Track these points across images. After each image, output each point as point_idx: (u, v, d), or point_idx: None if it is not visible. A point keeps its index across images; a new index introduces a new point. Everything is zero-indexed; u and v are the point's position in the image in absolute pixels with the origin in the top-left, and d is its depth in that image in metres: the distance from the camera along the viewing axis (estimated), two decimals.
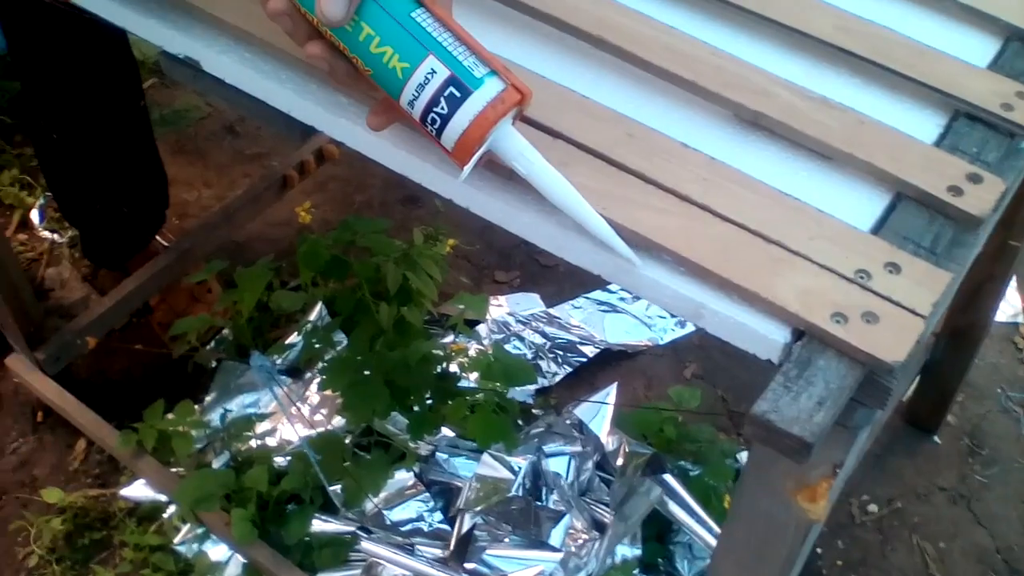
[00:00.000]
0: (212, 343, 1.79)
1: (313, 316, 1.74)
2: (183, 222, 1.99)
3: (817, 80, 0.78)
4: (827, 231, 0.67)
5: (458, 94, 0.60)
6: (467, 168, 0.63)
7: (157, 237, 1.86)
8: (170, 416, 1.58)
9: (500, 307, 1.86)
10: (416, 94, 0.61)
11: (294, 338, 1.73)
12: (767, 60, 0.79)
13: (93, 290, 1.90)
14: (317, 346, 1.64)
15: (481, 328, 1.81)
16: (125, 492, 1.60)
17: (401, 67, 0.61)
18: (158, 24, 0.80)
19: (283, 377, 1.68)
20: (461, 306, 1.61)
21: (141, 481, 1.60)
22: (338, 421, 1.62)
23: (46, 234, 1.98)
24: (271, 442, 1.60)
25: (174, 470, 1.58)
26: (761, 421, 0.58)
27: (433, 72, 0.60)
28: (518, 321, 1.82)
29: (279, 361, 1.70)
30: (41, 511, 1.58)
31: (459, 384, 1.53)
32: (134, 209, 1.76)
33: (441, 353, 1.53)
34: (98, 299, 1.86)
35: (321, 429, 1.62)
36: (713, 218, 0.67)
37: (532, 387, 1.70)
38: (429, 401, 1.51)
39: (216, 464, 1.57)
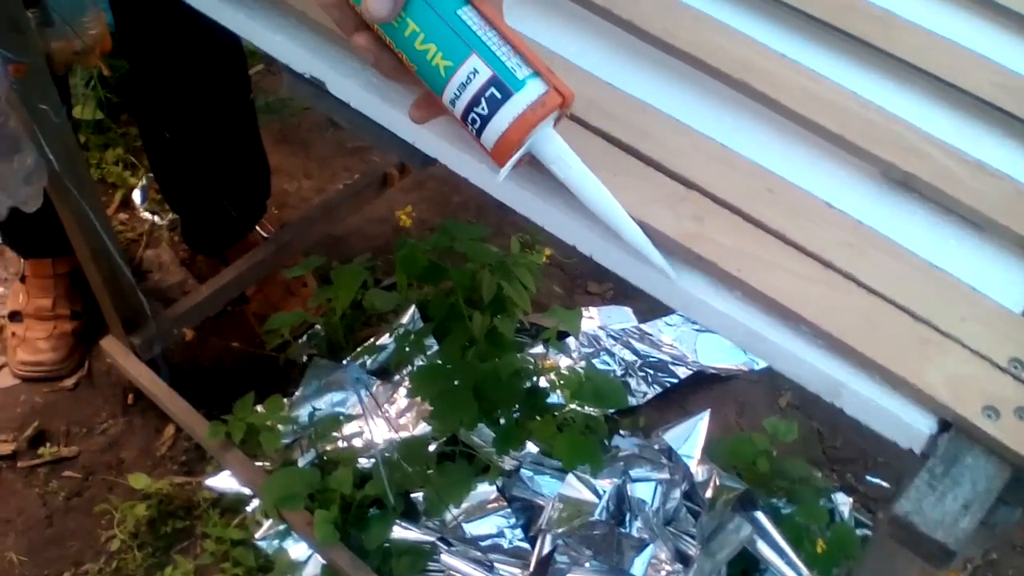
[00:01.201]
0: (304, 337, 1.79)
1: (406, 319, 1.73)
2: (282, 212, 2.00)
3: (972, 141, 0.73)
4: (979, 311, 0.63)
5: (499, 95, 0.60)
6: (505, 169, 0.62)
7: (256, 227, 1.87)
8: (259, 409, 1.59)
9: (591, 319, 1.82)
10: (458, 93, 0.61)
11: (386, 339, 1.72)
12: (919, 115, 0.74)
13: (190, 275, 1.93)
14: (408, 350, 1.63)
15: (571, 340, 1.78)
16: (210, 482, 1.61)
17: (444, 65, 0.60)
18: (285, 40, 0.79)
19: (372, 378, 1.68)
20: (554, 319, 1.59)
21: (227, 472, 1.61)
22: (423, 427, 1.61)
23: (147, 215, 2.01)
24: (357, 443, 1.60)
25: (260, 464, 1.59)
26: (903, 522, 0.54)
27: (475, 72, 0.60)
28: (609, 336, 1.79)
29: (369, 362, 1.70)
30: (126, 495, 1.60)
31: (548, 400, 1.50)
32: (236, 199, 1.77)
33: (532, 367, 1.51)
34: (195, 286, 1.88)
35: (407, 433, 1.61)
36: (857, 288, 0.63)
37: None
38: (516, 415, 1.49)
39: (302, 462, 1.57)
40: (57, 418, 1.71)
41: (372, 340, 1.73)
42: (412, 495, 1.52)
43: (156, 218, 2.00)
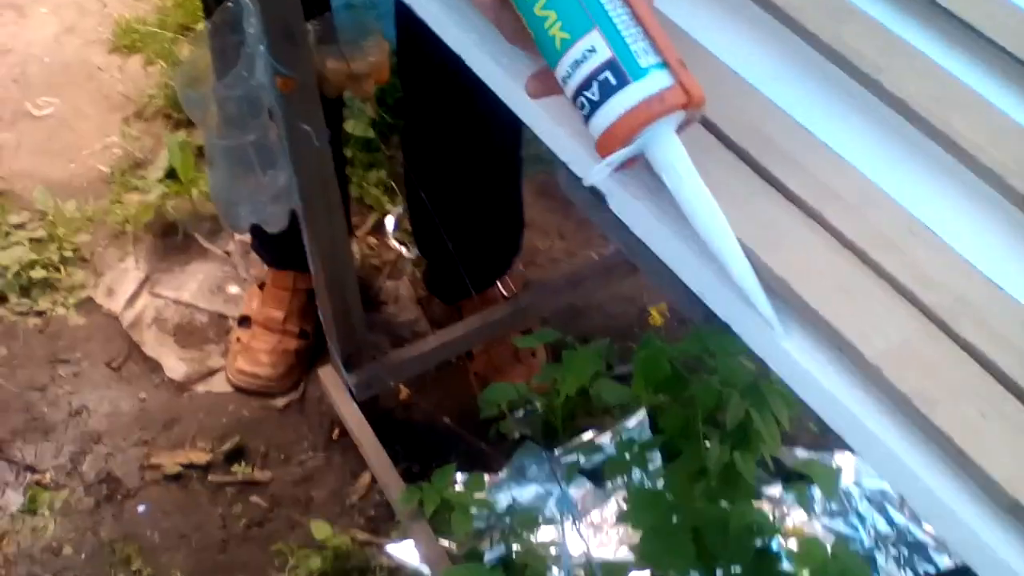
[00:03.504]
0: (521, 412, 1.65)
1: (632, 423, 1.55)
2: (528, 269, 1.87)
3: None
4: None
5: (613, 81, 0.52)
6: (601, 166, 0.54)
7: (498, 283, 1.75)
8: (459, 481, 1.46)
9: (844, 470, 1.57)
10: (570, 71, 0.54)
11: (606, 439, 1.55)
12: None
13: (423, 316, 1.84)
14: (628, 458, 1.46)
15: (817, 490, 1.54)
16: (391, 549, 1.49)
17: (560, 37, 0.54)
18: (572, 142, 0.63)
19: (582, 479, 1.51)
20: (808, 470, 1.36)
21: (410, 542, 1.49)
22: (626, 551, 1.43)
23: (395, 244, 1.94)
24: (552, 549, 1.43)
25: (445, 542, 1.46)
26: None
27: (593, 50, 0.53)
28: (864, 496, 1.53)
29: (583, 460, 1.53)
30: (305, 539, 1.51)
31: (780, 566, 1.28)
32: (485, 252, 1.67)
33: (769, 523, 1.29)
34: (425, 328, 1.80)
35: (607, 553, 1.43)
36: None
37: None
38: (737, 572, 1.28)
39: (489, 556, 1.43)
40: (259, 437, 1.65)
41: (591, 437, 1.57)
42: None
43: (404, 249, 1.93)
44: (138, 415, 1.67)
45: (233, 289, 1.86)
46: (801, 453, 1.59)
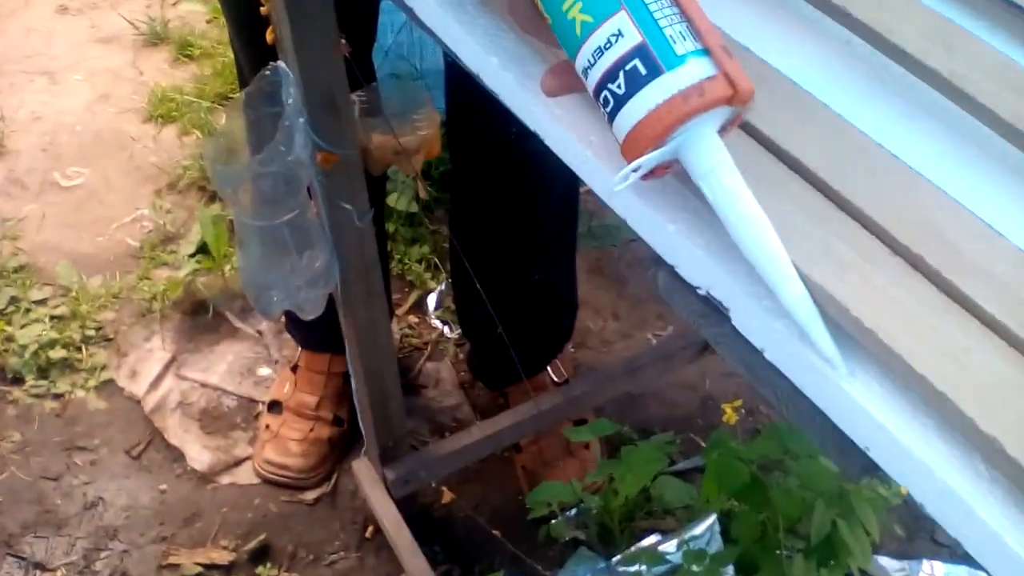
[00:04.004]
0: (574, 511, 1.51)
1: (700, 531, 1.41)
2: (579, 352, 1.75)
3: None
4: None
5: (643, 70, 0.44)
6: (625, 171, 0.45)
7: (548, 368, 1.62)
8: None
9: None
10: (592, 60, 0.46)
11: (671, 547, 1.41)
12: None
13: (466, 401, 1.72)
14: (697, 570, 1.31)
15: None
16: None
17: (581, 20, 0.46)
18: (680, 235, 0.51)
19: None
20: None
21: None
22: None
23: (437, 323, 1.82)
24: None
25: None
26: None
27: (619, 34, 0.45)
28: None
29: (644, 570, 1.38)
30: None
31: None
32: (534, 336, 1.54)
33: None
34: (468, 415, 1.69)
35: None
36: None
37: None
38: None
39: None
40: (287, 535, 1.52)
41: (654, 543, 1.42)
42: None
43: (446, 328, 1.81)
44: (157, 509, 1.54)
45: (264, 371, 1.74)
46: (886, 561, 1.44)
